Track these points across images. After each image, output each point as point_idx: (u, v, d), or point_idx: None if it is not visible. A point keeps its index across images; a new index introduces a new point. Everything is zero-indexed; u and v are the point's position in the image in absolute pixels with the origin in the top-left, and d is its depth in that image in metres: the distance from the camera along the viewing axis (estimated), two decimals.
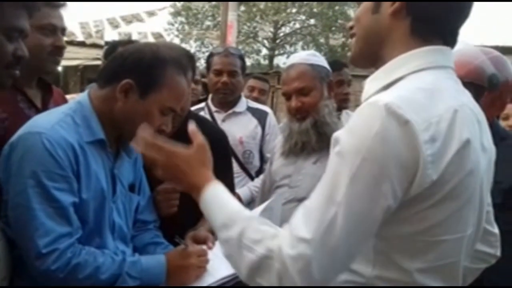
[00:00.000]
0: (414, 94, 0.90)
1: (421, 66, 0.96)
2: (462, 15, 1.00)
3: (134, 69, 1.30)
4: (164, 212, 1.63)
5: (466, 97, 1.00)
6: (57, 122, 1.25)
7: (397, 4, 0.98)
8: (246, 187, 2.51)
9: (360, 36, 1.06)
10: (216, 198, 1.03)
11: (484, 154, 0.99)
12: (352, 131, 0.88)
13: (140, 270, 1.31)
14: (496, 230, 1.24)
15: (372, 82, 1.01)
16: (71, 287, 1.23)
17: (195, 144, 1.10)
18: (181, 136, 1.83)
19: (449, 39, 1.02)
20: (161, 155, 1.07)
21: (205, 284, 1.40)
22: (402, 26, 0.99)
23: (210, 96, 2.69)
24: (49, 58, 1.57)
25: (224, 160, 1.98)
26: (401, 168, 0.84)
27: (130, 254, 1.40)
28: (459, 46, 1.83)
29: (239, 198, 2.37)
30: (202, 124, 1.98)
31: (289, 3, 21.49)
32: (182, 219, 1.65)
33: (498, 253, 1.25)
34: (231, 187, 2.02)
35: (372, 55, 1.04)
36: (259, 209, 1.69)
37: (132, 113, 1.32)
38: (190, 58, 1.71)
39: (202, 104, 2.67)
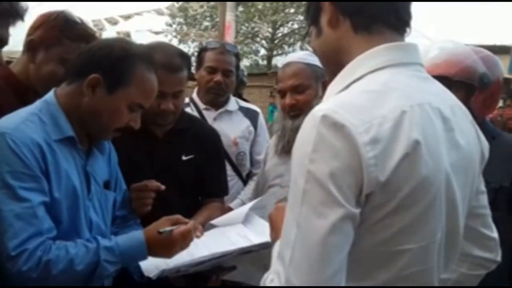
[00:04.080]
0: (356, 97, 0.88)
1: (376, 66, 0.93)
2: None
3: (102, 64, 1.28)
4: (138, 211, 1.61)
5: (429, 94, 0.95)
6: (21, 122, 1.22)
7: (328, 11, 0.98)
8: (238, 199, 2.41)
9: (323, 62, 1.08)
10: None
11: (456, 152, 0.95)
12: (297, 145, 0.88)
13: (119, 254, 1.28)
14: (495, 234, 1.18)
15: (332, 88, 0.99)
16: (50, 286, 1.20)
17: None
18: (176, 134, 1.85)
19: (397, 24, 0.97)
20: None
21: (180, 261, 1.42)
22: (346, 30, 0.97)
23: (195, 91, 2.52)
24: (52, 85, 1.56)
25: (217, 160, 1.98)
26: (347, 173, 0.82)
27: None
28: (449, 45, 1.85)
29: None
30: (194, 123, 2.00)
31: (287, 3, 21.50)
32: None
33: (498, 258, 1.19)
34: (224, 187, 2.01)
35: (339, 70, 1.00)
36: (249, 205, 1.69)
37: (100, 109, 1.30)
38: (185, 58, 1.76)
39: (186, 100, 2.42)
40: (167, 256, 1.38)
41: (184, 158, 1.83)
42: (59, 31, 1.53)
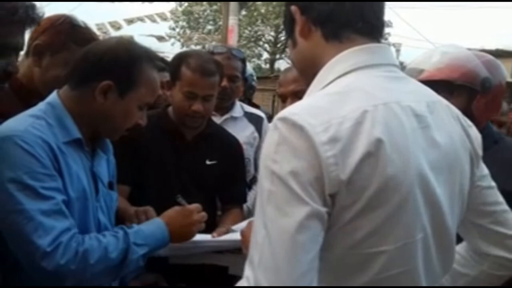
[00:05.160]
0: (318, 100, 0.91)
1: (343, 70, 0.95)
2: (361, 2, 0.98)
3: (111, 69, 1.30)
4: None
5: (399, 93, 0.94)
6: (30, 124, 1.21)
7: (299, 22, 1.00)
8: (244, 205, 2.47)
9: (300, 72, 1.11)
10: None
11: (435, 149, 0.93)
12: (263, 148, 0.89)
13: (145, 237, 1.32)
14: None
15: (308, 95, 1.01)
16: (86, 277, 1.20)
17: None
18: (203, 138, 1.91)
19: (366, 29, 0.98)
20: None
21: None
22: (317, 39, 0.99)
23: None
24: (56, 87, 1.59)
25: (238, 168, 2.04)
26: (309, 172, 0.82)
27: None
28: (452, 49, 1.86)
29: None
30: (219, 130, 2.06)
31: None
32: None
33: None
34: (244, 194, 2.07)
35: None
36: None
37: (113, 112, 1.33)
38: (218, 65, 1.86)
39: None
40: (189, 234, 1.46)
41: (208, 162, 1.91)
42: (65, 36, 1.55)
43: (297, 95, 1.91)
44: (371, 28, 0.99)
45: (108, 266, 1.23)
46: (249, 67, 4.31)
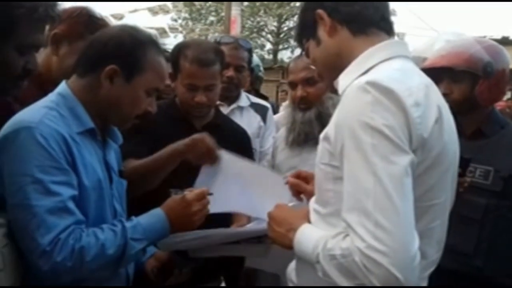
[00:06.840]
0: (390, 72, 1.04)
1: (388, 55, 1.10)
2: (381, 4, 1.17)
3: (116, 54, 1.31)
4: None
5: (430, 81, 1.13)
6: (44, 116, 1.22)
7: (327, 22, 1.15)
8: None
9: (323, 69, 1.24)
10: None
11: (454, 134, 1.12)
12: (351, 110, 0.99)
13: (143, 231, 1.29)
14: None
15: (346, 76, 1.13)
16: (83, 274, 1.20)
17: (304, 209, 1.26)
18: (212, 128, 1.90)
19: (386, 26, 1.17)
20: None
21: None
22: (344, 36, 1.15)
23: None
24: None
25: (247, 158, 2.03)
26: (403, 128, 0.95)
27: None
28: (454, 37, 1.87)
29: None
30: (228, 121, 2.07)
31: None
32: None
33: None
34: None
35: (339, 72, 1.15)
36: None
37: (119, 98, 1.33)
38: (218, 53, 1.85)
39: None
40: (190, 225, 1.40)
41: None
42: (83, 26, 1.60)
43: (308, 82, 1.93)
44: (390, 26, 1.18)
45: (105, 262, 1.22)
46: (256, 58, 4.31)
